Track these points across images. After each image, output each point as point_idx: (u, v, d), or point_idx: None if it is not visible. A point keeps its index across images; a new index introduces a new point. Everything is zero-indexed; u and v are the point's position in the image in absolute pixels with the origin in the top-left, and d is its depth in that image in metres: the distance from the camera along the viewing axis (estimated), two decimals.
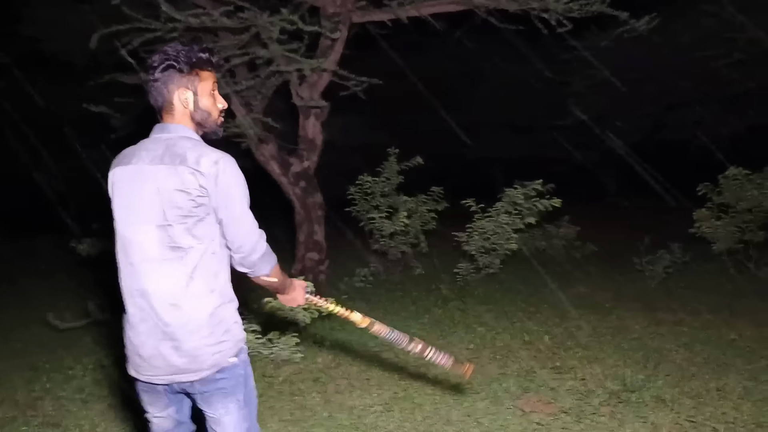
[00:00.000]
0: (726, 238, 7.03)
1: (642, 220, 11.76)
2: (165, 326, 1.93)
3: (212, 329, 1.96)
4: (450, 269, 7.69)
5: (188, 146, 1.94)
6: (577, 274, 7.89)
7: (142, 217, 1.94)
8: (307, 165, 6.92)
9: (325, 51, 6.35)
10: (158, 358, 1.96)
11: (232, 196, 1.95)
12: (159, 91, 2.01)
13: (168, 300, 1.93)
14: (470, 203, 7.29)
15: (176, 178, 1.89)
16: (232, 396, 2.04)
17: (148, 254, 1.94)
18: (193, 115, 2.03)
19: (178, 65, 1.99)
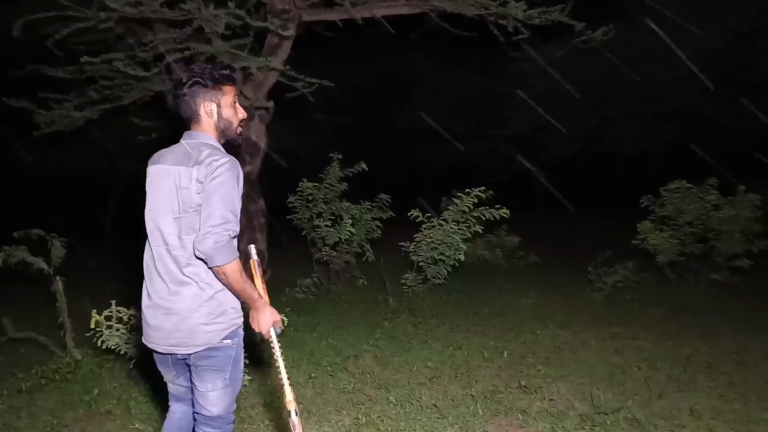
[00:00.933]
0: (669, 251, 7.10)
1: (580, 230, 11.97)
2: (170, 304, 2.27)
3: (209, 310, 2.28)
4: (396, 280, 7.44)
5: (205, 151, 2.26)
6: (523, 284, 7.82)
7: (162, 210, 2.30)
8: (249, 169, 6.52)
9: (273, 49, 5.99)
10: (161, 330, 2.30)
11: (215, 189, 2.18)
12: (187, 104, 2.35)
13: (175, 281, 2.27)
14: (416, 214, 7.07)
15: (188, 177, 2.22)
16: (221, 373, 2.34)
17: (165, 240, 2.29)
18: (216, 124, 2.38)
19: (204, 81, 2.33)
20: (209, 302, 2.28)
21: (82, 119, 6.09)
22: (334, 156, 7.40)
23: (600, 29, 5.70)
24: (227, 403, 2.40)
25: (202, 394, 2.36)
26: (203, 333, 2.27)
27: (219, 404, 2.37)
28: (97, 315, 4.01)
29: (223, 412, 2.40)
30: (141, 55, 5.55)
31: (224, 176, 2.19)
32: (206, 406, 2.37)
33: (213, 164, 2.20)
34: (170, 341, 2.31)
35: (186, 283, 2.27)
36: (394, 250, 7.93)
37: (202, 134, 2.36)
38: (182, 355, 2.33)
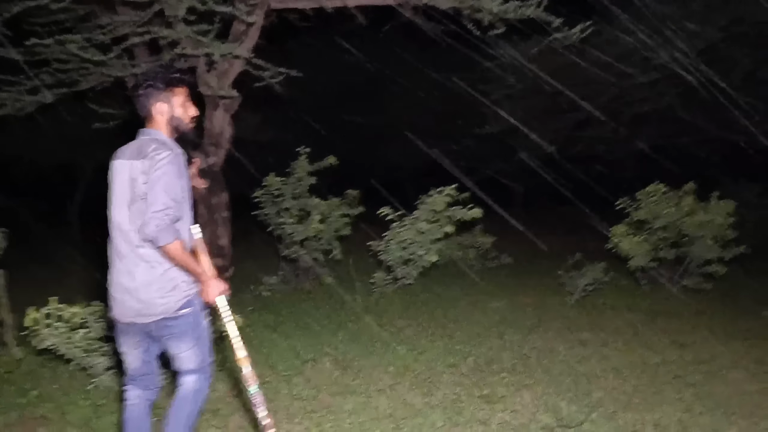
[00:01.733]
0: (642, 256, 6.99)
1: (555, 232, 11.86)
2: (128, 282, 2.58)
3: (161, 285, 2.58)
4: (365, 279, 7.24)
5: (152, 146, 2.56)
6: (494, 287, 7.67)
7: (118, 199, 2.61)
8: (212, 161, 6.26)
9: (239, 36, 5.73)
10: (124, 303, 2.61)
11: (157, 180, 2.49)
12: (142, 104, 2.68)
13: (130, 262, 2.58)
14: (387, 211, 6.87)
15: (137, 169, 2.53)
16: (184, 338, 2.65)
17: (121, 228, 2.60)
18: (168, 122, 2.70)
19: (156, 84, 2.65)
20: (161, 278, 2.57)
21: (35, 104, 5.78)
22: (302, 150, 7.18)
23: (577, 26, 5.53)
24: (200, 358, 2.72)
25: (175, 356, 2.70)
26: (159, 305, 2.57)
27: (192, 361, 2.70)
28: (35, 312, 3.74)
29: (198, 366, 2.73)
30: (99, 38, 5.25)
31: (165, 168, 2.50)
32: (182, 364, 2.72)
33: (156, 158, 2.51)
34: (131, 313, 2.61)
35: (139, 263, 2.57)
36: (365, 249, 7.74)
37: (154, 131, 2.69)
38: (142, 323, 2.61)
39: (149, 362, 2.76)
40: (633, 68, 9.17)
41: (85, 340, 3.89)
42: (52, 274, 8.56)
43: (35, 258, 10.12)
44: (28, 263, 9.21)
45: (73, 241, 12.25)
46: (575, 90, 10.67)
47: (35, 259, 9.93)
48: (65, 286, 7.77)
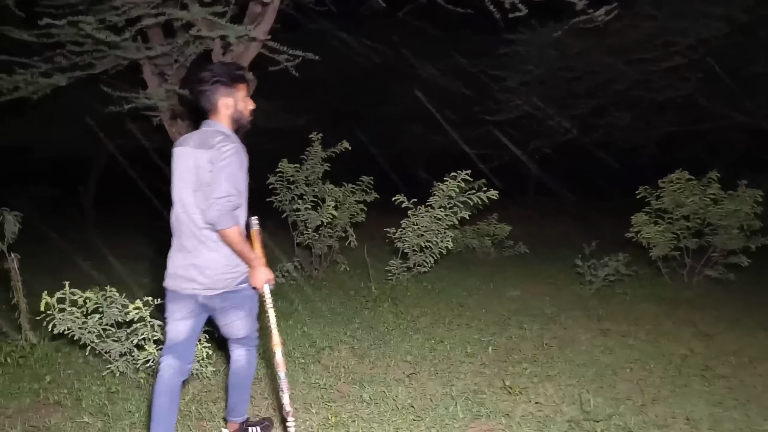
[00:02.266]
0: (663, 245, 6.83)
1: (571, 220, 11.70)
2: (193, 258, 2.80)
3: (226, 262, 2.79)
4: (380, 266, 7.16)
5: (218, 138, 2.74)
6: (511, 275, 7.56)
7: (183, 184, 2.79)
8: None
9: (255, 18, 5.60)
10: (188, 277, 2.81)
11: (222, 169, 2.67)
12: (208, 99, 2.84)
13: (196, 240, 2.78)
14: (401, 199, 6.76)
15: (203, 159, 2.71)
16: (241, 308, 2.91)
17: (185, 208, 2.79)
18: (231, 116, 2.88)
19: (223, 80, 2.83)
20: (226, 256, 2.78)
21: (48, 87, 5.69)
22: (314, 136, 7.08)
23: (602, 8, 5.34)
24: (249, 325, 2.99)
25: (228, 325, 2.94)
26: (222, 280, 2.80)
27: (243, 329, 2.97)
28: (48, 297, 3.68)
29: (248, 333, 3.01)
30: (113, 19, 5.14)
31: (229, 159, 2.69)
32: (234, 332, 2.98)
33: (221, 149, 2.69)
34: (194, 285, 2.80)
35: (205, 242, 2.77)
36: (379, 236, 7.66)
37: (218, 123, 2.85)
38: (204, 297, 2.82)
39: (194, 334, 2.95)
40: (654, 53, 8.92)
41: (100, 326, 3.83)
42: (65, 260, 8.55)
43: (49, 243, 10.12)
44: (42, 248, 9.24)
45: (87, 227, 12.23)
46: (593, 76, 10.49)
47: (49, 245, 9.94)
48: (78, 271, 7.77)
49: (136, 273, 8.01)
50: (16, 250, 4.53)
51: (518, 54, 10.50)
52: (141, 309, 3.60)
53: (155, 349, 3.60)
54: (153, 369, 3.82)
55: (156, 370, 2.93)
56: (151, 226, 13.14)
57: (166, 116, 5.93)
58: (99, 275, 7.90)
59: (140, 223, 13.47)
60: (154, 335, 3.63)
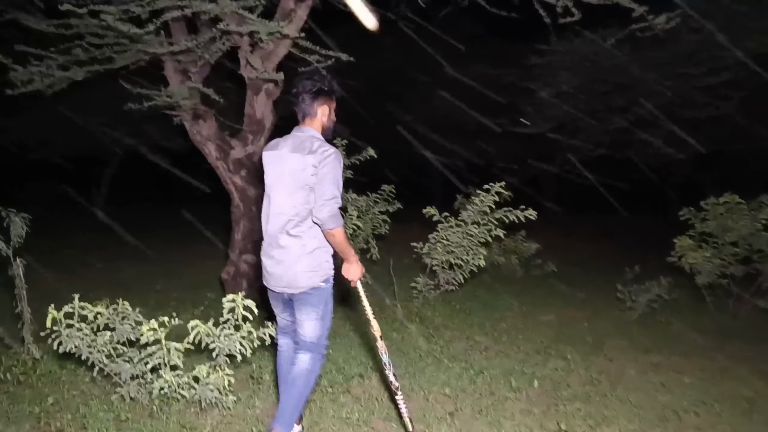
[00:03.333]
0: (709, 272, 6.39)
1: (600, 238, 11.27)
2: (281, 256, 2.98)
3: (309, 261, 2.96)
4: (405, 282, 6.75)
5: (317, 143, 2.94)
6: (542, 297, 7.14)
7: (278, 185, 2.99)
8: (251, 150, 5.80)
9: (287, 14, 5.25)
10: (275, 275, 3.02)
11: (326, 173, 2.86)
12: (309, 105, 3.03)
13: (285, 239, 2.97)
14: (432, 211, 6.36)
15: (303, 162, 2.90)
16: (316, 308, 3.01)
17: (281, 211, 2.97)
18: (325, 123, 3.08)
19: (326, 89, 3.05)
20: (309, 256, 2.95)
21: (65, 81, 5.37)
22: (338, 142, 6.74)
23: (662, 16, 4.95)
24: (319, 333, 3.04)
25: (300, 323, 3.04)
26: (305, 279, 2.95)
27: (313, 333, 3.03)
28: (54, 311, 3.30)
29: (316, 340, 3.05)
30: (135, 10, 4.80)
31: (333, 163, 2.87)
32: (304, 333, 3.04)
33: (324, 153, 2.87)
34: (281, 283, 3.00)
35: (293, 243, 2.94)
36: (402, 249, 7.29)
37: (312, 129, 3.02)
38: (289, 293, 3.00)
39: (293, 322, 3.14)
40: (698, 68, 8.50)
41: (110, 344, 3.45)
42: (74, 265, 8.21)
43: (60, 243, 9.81)
44: (53, 249, 8.91)
45: (98, 229, 11.91)
46: (629, 90, 10.08)
47: (60, 245, 9.62)
48: (88, 279, 7.42)
49: (149, 277, 7.67)
50: (25, 250, 4.18)
51: (551, 65, 10.08)
52: (156, 330, 3.21)
53: (172, 376, 3.22)
54: (168, 396, 3.44)
55: (172, 396, 3.15)
56: (164, 227, 12.94)
57: (187, 116, 5.59)
58: (110, 279, 7.59)
59: (154, 224, 13.21)
60: (170, 361, 3.24)
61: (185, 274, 7.94)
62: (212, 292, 6.67)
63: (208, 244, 8.81)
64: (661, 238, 6.90)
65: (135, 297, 6.66)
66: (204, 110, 5.61)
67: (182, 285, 7.32)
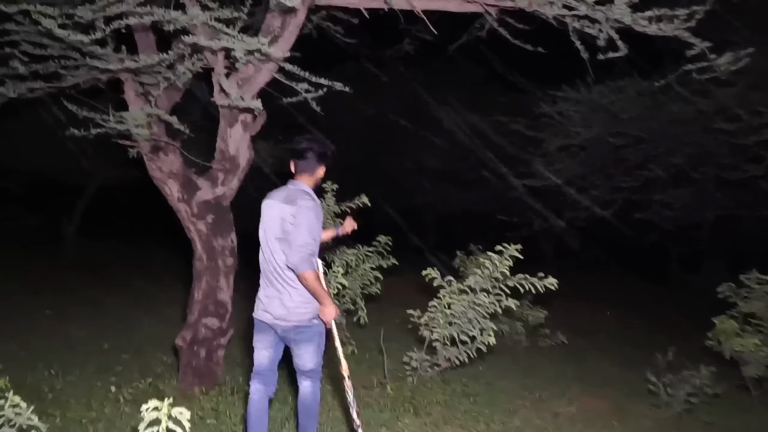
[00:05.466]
0: (759, 362, 5.42)
1: (613, 304, 10.29)
2: (277, 294, 3.39)
3: (302, 299, 3.36)
4: (397, 355, 5.74)
5: (300, 196, 3.40)
6: (556, 378, 6.14)
7: (270, 232, 3.41)
8: (221, 192, 4.82)
9: (272, 31, 4.35)
10: (270, 310, 3.41)
11: (301, 223, 3.29)
12: (309, 163, 3.52)
13: (280, 280, 3.38)
14: (434, 275, 5.37)
15: (288, 212, 3.33)
16: (311, 342, 3.43)
17: (272, 254, 3.39)
18: (316, 180, 3.58)
19: (327, 154, 3.58)
20: (301, 295, 3.34)
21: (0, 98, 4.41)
22: (328, 186, 5.83)
23: (726, 54, 4.10)
24: (316, 360, 3.46)
25: (299, 356, 3.43)
26: (298, 314, 3.35)
27: (311, 361, 3.44)
28: None
29: (314, 366, 3.46)
30: (85, 15, 3.87)
31: (308, 213, 3.32)
32: (302, 363, 3.44)
33: (302, 206, 3.32)
34: (275, 316, 3.37)
35: (286, 281, 3.35)
36: (395, 312, 6.33)
37: (304, 184, 3.49)
38: (282, 328, 3.38)
39: (274, 361, 3.48)
40: (728, 124, 7.69)
41: None
42: (16, 312, 7.16)
43: (15, 281, 8.79)
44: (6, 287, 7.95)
45: (59, 268, 10.83)
46: (647, 145, 9.28)
47: (15, 283, 8.61)
48: (28, 330, 6.40)
49: (100, 330, 6.60)
50: None
51: (562, 114, 9.28)
52: None
53: None
54: None
55: None
56: (133, 264, 11.85)
57: (145, 148, 4.62)
58: (54, 332, 6.53)
59: (122, 261, 12.12)
60: None
61: (142, 326, 6.88)
62: (168, 355, 5.63)
63: (175, 287, 7.83)
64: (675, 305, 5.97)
65: (75, 358, 5.66)
66: (166, 142, 4.65)
67: (135, 341, 6.28)
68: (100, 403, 4.33)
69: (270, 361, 3.48)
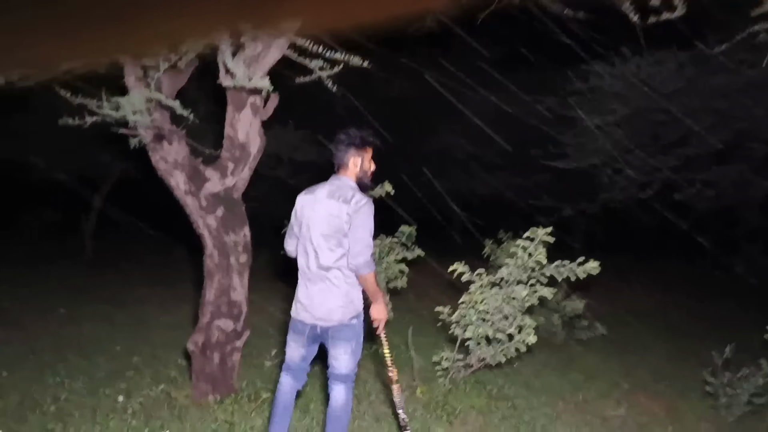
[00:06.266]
0: None
1: (651, 292, 9.74)
2: (317, 292, 3.27)
3: (343, 298, 3.25)
4: (425, 351, 5.34)
5: (350, 192, 3.26)
6: (599, 375, 5.66)
7: (315, 228, 3.27)
8: (231, 183, 4.41)
9: None
10: (310, 309, 3.29)
11: (360, 224, 3.19)
12: (342, 157, 3.37)
13: (321, 277, 3.26)
14: (461, 269, 4.87)
15: (338, 209, 3.22)
16: (349, 343, 3.29)
17: (316, 250, 3.27)
18: (357, 173, 3.39)
19: (356, 143, 3.36)
20: (343, 292, 3.24)
21: None
22: (377, 190, 5.42)
23: None
24: (351, 365, 3.32)
25: (335, 357, 3.31)
26: (339, 313, 3.24)
27: (346, 366, 3.31)
28: None
29: (348, 372, 3.32)
30: None
31: (366, 212, 3.21)
32: (338, 366, 3.31)
33: (358, 204, 3.19)
34: (316, 315, 3.27)
35: (328, 279, 3.24)
36: (422, 306, 5.90)
37: (347, 179, 3.35)
38: (322, 327, 3.27)
39: (306, 360, 3.42)
40: None
41: None
42: (32, 310, 6.89)
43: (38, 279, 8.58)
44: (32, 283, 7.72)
45: (77, 264, 10.62)
46: (691, 120, 8.64)
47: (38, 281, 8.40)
48: (41, 332, 6.12)
49: (113, 331, 6.30)
50: None
51: (598, 89, 8.70)
52: None
53: None
54: None
55: None
56: (151, 258, 11.57)
57: (148, 136, 4.22)
58: (67, 332, 6.23)
59: (140, 255, 11.87)
60: None
61: (158, 325, 6.55)
62: (184, 358, 5.28)
63: (196, 283, 7.51)
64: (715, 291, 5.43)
65: (85, 362, 5.34)
66: (170, 130, 4.25)
67: (150, 342, 5.93)
68: (106, 415, 3.97)
69: (302, 359, 3.41)
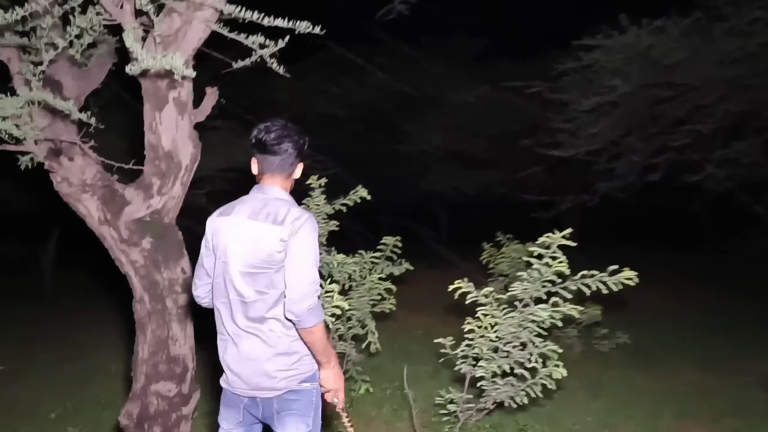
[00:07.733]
0: None
1: (668, 288, 8.84)
2: (247, 350, 2.27)
3: (286, 358, 2.28)
4: (426, 387, 4.36)
5: (286, 208, 2.26)
6: (630, 397, 4.74)
7: (236, 263, 2.26)
8: (159, 204, 3.40)
9: None
10: (243, 374, 2.30)
11: (300, 251, 2.18)
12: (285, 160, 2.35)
13: (251, 332, 2.26)
14: (466, 288, 3.85)
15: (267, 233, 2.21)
16: (303, 418, 2.32)
17: (242, 295, 2.26)
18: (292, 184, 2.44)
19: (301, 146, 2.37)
20: (284, 348, 2.27)
21: None
22: (314, 182, 4.44)
23: None
24: None
25: None
26: (282, 377, 2.27)
27: None
28: None
29: None
30: None
31: (308, 233, 2.20)
32: None
33: (295, 223, 2.20)
34: (250, 384, 2.30)
35: (262, 333, 2.26)
36: (414, 329, 4.93)
37: (281, 191, 2.36)
38: (263, 399, 2.32)
39: None
40: None
41: None
42: None
43: None
44: None
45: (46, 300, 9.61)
46: (695, 94, 7.81)
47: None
48: None
49: (51, 392, 5.29)
50: None
51: (593, 67, 7.84)
52: None
53: None
54: None
55: None
56: (117, 296, 10.52)
57: (40, 152, 3.20)
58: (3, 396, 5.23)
59: (104, 290, 10.82)
60: None
61: (110, 377, 5.56)
62: None
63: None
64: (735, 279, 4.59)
65: None
66: (69, 144, 3.23)
67: (94, 404, 4.93)
68: None
69: None
